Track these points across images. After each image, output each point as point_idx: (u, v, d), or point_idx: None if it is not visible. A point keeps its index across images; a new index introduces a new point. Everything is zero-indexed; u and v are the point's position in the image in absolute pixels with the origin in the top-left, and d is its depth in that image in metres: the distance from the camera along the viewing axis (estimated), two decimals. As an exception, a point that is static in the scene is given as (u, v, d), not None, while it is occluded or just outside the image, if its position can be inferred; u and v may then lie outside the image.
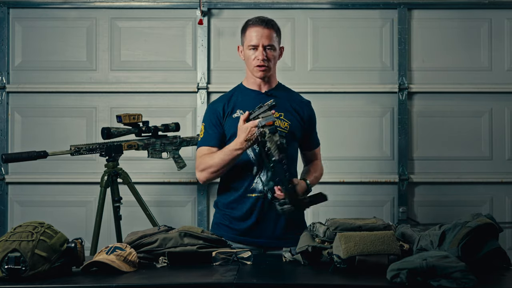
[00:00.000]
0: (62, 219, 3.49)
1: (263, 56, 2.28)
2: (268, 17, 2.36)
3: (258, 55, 2.29)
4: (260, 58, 2.29)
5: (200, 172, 2.31)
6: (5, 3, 3.63)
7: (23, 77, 3.65)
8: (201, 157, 2.32)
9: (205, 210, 3.61)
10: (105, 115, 3.64)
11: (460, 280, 1.56)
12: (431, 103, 3.66)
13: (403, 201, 3.61)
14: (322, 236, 1.94)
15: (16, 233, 1.72)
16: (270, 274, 1.80)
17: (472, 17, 3.67)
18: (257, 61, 2.29)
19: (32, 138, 3.62)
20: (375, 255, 1.73)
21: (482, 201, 3.66)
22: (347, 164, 3.62)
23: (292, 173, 2.27)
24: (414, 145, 3.66)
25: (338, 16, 3.67)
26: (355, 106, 3.65)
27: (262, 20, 2.32)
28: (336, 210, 3.52)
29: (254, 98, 2.36)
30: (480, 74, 3.66)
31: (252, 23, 2.32)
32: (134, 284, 1.68)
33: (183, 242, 1.94)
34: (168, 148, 3.10)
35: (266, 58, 2.29)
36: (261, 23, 2.30)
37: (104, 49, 3.66)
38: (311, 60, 3.67)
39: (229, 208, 2.33)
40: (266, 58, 2.29)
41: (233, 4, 3.64)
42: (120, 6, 3.65)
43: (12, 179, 3.63)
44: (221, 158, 2.24)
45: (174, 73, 3.66)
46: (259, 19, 2.33)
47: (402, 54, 3.62)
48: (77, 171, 3.62)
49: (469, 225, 1.76)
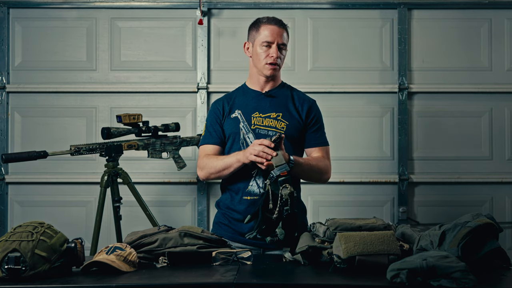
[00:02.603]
0: (62, 219, 3.50)
1: (277, 53, 2.30)
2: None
3: (272, 53, 2.30)
4: (274, 56, 2.30)
5: (201, 170, 2.34)
6: (5, 3, 3.63)
7: (23, 77, 3.65)
8: (203, 157, 2.34)
9: (205, 210, 3.61)
10: (105, 115, 3.64)
11: (460, 280, 1.56)
12: (431, 103, 3.66)
13: (403, 201, 3.61)
14: (322, 236, 1.94)
15: (16, 233, 1.71)
16: (270, 274, 1.80)
17: (472, 17, 3.67)
18: (270, 58, 2.31)
19: (32, 138, 3.62)
20: (375, 255, 1.73)
21: (482, 201, 3.66)
22: (347, 164, 3.62)
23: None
24: (414, 145, 3.66)
25: (338, 16, 3.67)
26: (355, 106, 3.65)
27: (277, 20, 2.35)
28: (336, 210, 3.53)
29: (253, 98, 2.38)
30: (480, 74, 3.66)
31: (267, 21, 2.34)
32: (134, 284, 1.67)
33: (183, 242, 1.94)
34: (168, 148, 3.10)
35: (278, 56, 2.31)
36: (277, 23, 2.34)
37: (104, 49, 3.66)
38: (311, 60, 3.67)
39: (229, 209, 2.33)
40: (278, 56, 2.31)
41: (233, 4, 3.64)
42: (120, 6, 3.65)
43: (12, 179, 3.63)
44: (222, 165, 2.26)
45: (174, 73, 3.66)
46: (274, 19, 2.35)
47: (402, 54, 3.62)
48: (77, 171, 3.62)
49: (469, 225, 1.76)
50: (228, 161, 2.24)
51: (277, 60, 2.31)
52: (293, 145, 2.33)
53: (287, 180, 2.00)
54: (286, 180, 2.00)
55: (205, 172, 2.31)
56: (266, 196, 2.01)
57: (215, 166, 2.27)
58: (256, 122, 2.32)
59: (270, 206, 1.99)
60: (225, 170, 2.25)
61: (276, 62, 2.32)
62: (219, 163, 2.26)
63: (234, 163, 2.21)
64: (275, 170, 2.03)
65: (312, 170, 2.30)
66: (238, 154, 2.21)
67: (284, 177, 2.01)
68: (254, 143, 2.12)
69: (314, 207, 3.63)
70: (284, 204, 1.97)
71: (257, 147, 2.09)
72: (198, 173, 2.36)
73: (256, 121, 2.32)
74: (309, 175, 2.33)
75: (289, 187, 1.97)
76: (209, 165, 2.29)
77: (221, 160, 2.26)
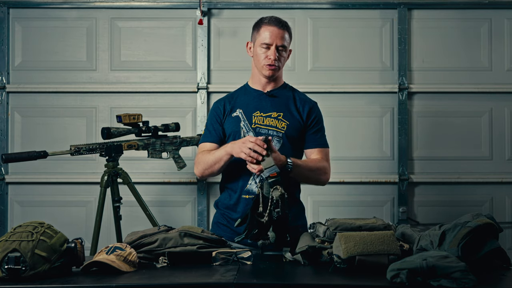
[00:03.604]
0: (62, 219, 3.50)
1: (275, 56, 2.30)
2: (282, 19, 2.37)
3: (270, 55, 2.30)
4: (272, 58, 2.29)
5: (196, 167, 2.35)
6: (5, 3, 3.63)
7: (23, 77, 3.65)
8: (199, 154, 2.35)
9: (205, 210, 3.61)
10: (105, 115, 3.64)
11: (460, 280, 1.56)
12: (431, 103, 3.66)
13: (403, 201, 3.61)
14: (322, 236, 1.94)
15: (16, 233, 1.71)
16: (270, 274, 1.80)
17: (472, 17, 3.67)
18: (268, 60, 2.30)
19: (32, 138, 3.62)
20: (375, 255, 1.73)
21: (482, 201, 3.66)
22: (347, 164, 3.62)
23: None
24: (414, 145, 3.66)
25: (338, 16, 3.67)
26: (355, 106, 3.65)
27: (278, 21, 2.33)
28: (336, 210, 3.53)
29: (255, 98, 2.38)
30: (480, 74, 3.66)
31: (268, 22, 2.33)
32: (134, 284, 1.67)
33: (183, 242, 1.94)
34: (168, 148, 3.10)
35: (277, 58, 2.30)
36: (277, 24, 2.32)
37: (104, 49, 3.66)
38: (311, 60, 3.67)
39: (228, 209, 2.33)
40: (277, 58, 2.30)
41: (233, 4, 3.64)
42: (120, 6, 3.65)
43: (12, 179, 3.63)
44: (213, 159, 2.26)
45: (174, 73, 3.66)
46: (276, 19, 2.34)
47: (402, 54, 3.62)
48: (77, 171, 3.62)
49: (469, 225, 1.76)
50: (218, 154, 2.24)
51: (275, 62, 2.31)
52: (292, 146, 2.33)
53: (277, 182, 1.98)
54: (276, 181, 1.98)
55: (200, 169, 2.32)
56: (256, 199, 1.98)
57: (207, 161, 2.27)
58: (256, 121, 2.32)
59: (260, 209, 1.97)
60: (216, 164, 2.24)
61: (274, 64, 2.31)
62: (210, 157, 2.27)
63: (223, 155, 2.21)
64: (265, 172, 2.00)
65: (311, 172, 2.29)
66: (226, 146, 2.21)
67: (274, 179, 1.99)
68: (246, 140, 2.09)
69: (314, 207, 3.63)
70: (275, 206, 1.94)
71: (248, 144, 2.07)
72: (194, 170, 2.37)
73: (257, 120, 2.32)
74: (307, 177, 2.31)
75: (279, 189, 1.95)
76: (202, 160, 2.30)
77: (212, 155, 2.27)
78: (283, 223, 1.97)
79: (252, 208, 1.97)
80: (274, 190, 1.95)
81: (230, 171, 2.33)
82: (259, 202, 1.97)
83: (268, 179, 1.98)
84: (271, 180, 1.98)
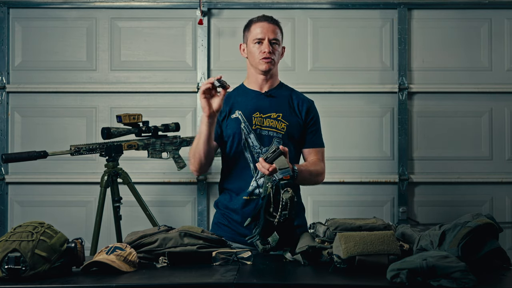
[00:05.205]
0: (62, 219, 3.50)
1: (269, 48, 2.30)
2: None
3: (264, 48, 2.30)
4: (266, 51, 2.30)
5: (189, 163, 2.33)
6: (5, 3, 3.63)
7: (23, 77, 3.65)
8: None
9: (205, 210, 3.61)
10: (105, 115, 3.64)
11: (460, 280, 1.56)
12: (431, 103, 3.66)
13: (403, 201, 3.61)
14: (322, 236, 1.94)
15: (16, 233, 1.71)
16: (270, 274, 1.80)
17: (472, 17, 3.67)
18: (262, 54, 2.30)
19: (32, 138, 3.62)
20: (375, 255, 1.73)
21: (482, 201, 3.66)
22: (347, 164, 3.63)
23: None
24: (414, 145, 3.66)
25: (338, 16, 3.67)
26: (355, 106, 3.65)
27: (266, 17, 2.37)
28: (336, 210, 3.53)
29: (253, 98, 2.37)
30: (480, 74, 3.66)
31: (258, 19, 2.36)
32: (134, 284, 1.67)
33: (183, 242, 1.93)
34: (168, 148, 3.10)
35: (271, 51, 2.31)
36: (267, 19, 2.35)
37: (104, 49, 3.66)
38: (311, 60, 3.67)
39: (228, 210, 2.33)
40: (271, 51, 2.31)
41: (233, 4, 3.64)
42: (120, 6, 3.65)
43: (12, 179, 3.63)
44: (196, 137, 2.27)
45: (174, 73, 3.66)
46: (264, 16, 2.37)
47: (402, 54, 3.62)
48: (77, 171, 3.62)
49: (469, 225, 1.76)
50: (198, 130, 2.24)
51: (270, 55, 2.31)
52: (293, 146, 2.34)
53: (288, 184, 1.99)
54: (287, 184, 1.99)
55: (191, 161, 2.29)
56: (267, 199, 2.00)
57: (192, 147, 2.28)
58: (256, 122, 2.32)
59: (271, 209, 1.98)
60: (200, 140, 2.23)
61: (270, 57, 2.31)
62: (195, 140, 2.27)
63: (200, 129, 2.21)
64: (278, 173, 2.01)
65: (311, 176, 2.31)
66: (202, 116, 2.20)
67: (286, 181, 1.99)
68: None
69: (314, 207, 3.63)
70: (284, 208, 1.96)
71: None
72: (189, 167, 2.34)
73: (257, 121, 2.32)
74: (308, 180, 2.32)
75: (290, 191, 1.96)
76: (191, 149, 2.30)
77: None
78: (289, 225, 1.98)
79: (265, 209, 1.98)
80: (285, 192, 1.96)
81: (229, 172, 2.33)
82: (270, 203, 1.97)
83: (281, 181, 1.99)
84: (283, 182, 1.99)
